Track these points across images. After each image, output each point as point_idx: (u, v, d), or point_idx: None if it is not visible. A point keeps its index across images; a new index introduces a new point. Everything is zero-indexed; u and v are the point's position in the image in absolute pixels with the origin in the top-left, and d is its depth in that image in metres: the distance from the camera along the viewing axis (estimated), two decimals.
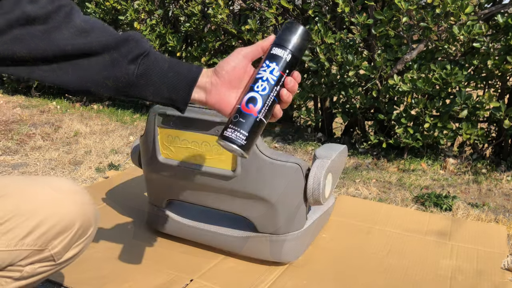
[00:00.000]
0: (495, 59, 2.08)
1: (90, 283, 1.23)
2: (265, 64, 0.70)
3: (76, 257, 0.78)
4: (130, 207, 1.73)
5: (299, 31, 0.71)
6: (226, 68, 0.70)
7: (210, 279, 1.26)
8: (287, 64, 0.70)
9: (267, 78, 0.69)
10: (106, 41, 0.65)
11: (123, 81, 0.66)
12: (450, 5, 2.03)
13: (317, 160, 1.30)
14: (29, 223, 0.69)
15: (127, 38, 0.66)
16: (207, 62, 2.88)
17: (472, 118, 2.22)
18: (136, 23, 3.08)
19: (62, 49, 0.63)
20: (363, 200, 1.86)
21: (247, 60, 0.71)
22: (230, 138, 0.68)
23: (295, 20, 0.74)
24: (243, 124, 0.68)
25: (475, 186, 2.07)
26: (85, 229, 0.76)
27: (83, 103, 3.77)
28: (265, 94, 0.69)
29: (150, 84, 0.68)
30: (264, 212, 1.27)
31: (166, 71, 0.68)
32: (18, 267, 0.71)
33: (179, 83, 0.69)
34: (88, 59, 0.64)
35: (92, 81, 0.65)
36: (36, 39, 0.62)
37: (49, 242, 0.72)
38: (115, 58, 0.65)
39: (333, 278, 1.29)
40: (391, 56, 2.27)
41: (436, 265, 1.36)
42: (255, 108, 0.69)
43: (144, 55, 0.67)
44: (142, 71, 0.67)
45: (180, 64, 0.70)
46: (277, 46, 0.70)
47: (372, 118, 2.62)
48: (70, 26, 0.64)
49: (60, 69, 0.64)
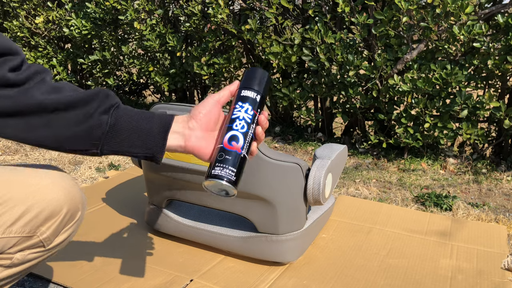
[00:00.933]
0: (495, 59, 2.08)
1: (90, 283, 1.23)
2: (238, 105, 0.75)
3: (66, 242, 0.79)
4: (130, 207, 1.73)
5: (262, 74, 0.78)
6: (203, 111, 0.73)
7: (210, 279, 1.26)
8: (257, 104, 0.76)
9: (243, 117, 0.74)
10: (77, 96, 0.67)
11: (97, 134, 0.68)
12: (450, 5, 2.03)
13: (317, 160, 1.30)
14: (16, 210, 0.69)
15: (97, 93, 0.69)
16: (207, 62, 2.88)
17: (472, 118, 2.22)
18: (136, 23, 3.08)
19: (37, 102, 0.65)
20: (363, 200, 1.86)
21: (220, 104, 0.76)
22: (220, 175, 0.70)
23: (256, 66, 0.80)
24: (229, 161, 0.71)
25: (475, 186, 2.07)
26: (73, 213, 0.77)
27: None
28: (244, 132, 0.73)
29: (124, 134, 0.69)
30: (264, 212, 1.27)
31: (138, 119, 0.70)
32: (8, 254, 0.72)
33: (153, 129, 0.71)
34: (62, 114, 0.66)
35: (66, 137, 0.67)
36: (11, 98, 0.64)
37: (37, 228, 0.72)
38: (87, 111, 0.67)
39: (333, 278, 1.29)
40: (391, 56, 2.26)
41: (436, 265, 1.36)
42: (238, 145, 0.72)
43: (115, 106, 0.69)
44: (114, 121, 0.68)
45: (152, 113, 0.73)
46: (246, 89, 0.76)
47: (372, 118, 2.62)
48: (44, 85, 0.67)
49: (34, 126, 0.66)
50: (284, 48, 2.51)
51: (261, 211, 1.27)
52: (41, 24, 3.57)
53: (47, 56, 3.72)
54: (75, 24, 3.31)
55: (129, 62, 3.27)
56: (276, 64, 2.55)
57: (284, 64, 2.54)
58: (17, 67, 0.66)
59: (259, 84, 0.77)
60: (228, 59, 2.79)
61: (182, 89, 3.50)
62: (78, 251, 1.40)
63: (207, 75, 2.92)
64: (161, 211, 1.45)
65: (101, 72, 3.49)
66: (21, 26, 3.67)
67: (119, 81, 3.56)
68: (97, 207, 1.73)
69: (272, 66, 2.75)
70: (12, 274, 0.75)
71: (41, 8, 3.60)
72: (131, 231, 1.54)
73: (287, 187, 1.25)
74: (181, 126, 0.72)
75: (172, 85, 3.20)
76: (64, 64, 3.70)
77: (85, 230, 1.53)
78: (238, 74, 2.95)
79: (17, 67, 0.66)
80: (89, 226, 1.56)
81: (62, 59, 3.62)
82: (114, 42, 3.37)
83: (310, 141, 2.74)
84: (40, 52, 3.72)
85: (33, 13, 3.68)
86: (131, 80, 3.62)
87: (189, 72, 3.18)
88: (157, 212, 1.46)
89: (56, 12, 3.51)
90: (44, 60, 3.68)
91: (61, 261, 1.34)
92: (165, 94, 3.46)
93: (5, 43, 0.65)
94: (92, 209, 1.71)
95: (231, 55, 2.78)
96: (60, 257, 1.36)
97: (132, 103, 3.78)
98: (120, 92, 4.02)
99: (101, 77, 3.57)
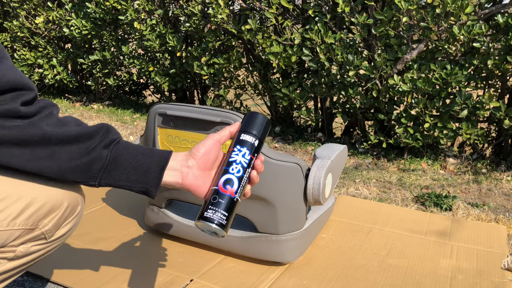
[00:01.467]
0: (495, 59, 2.08)
1: (90, 283, 1.23)
2: (236, 148, 0.77)
3: (67, 235, 0.82)
4: (130, 207, 1.73)
5: (262, 120, 0.80)
6: (202, 150, 0.76)
7: (210, 279, 1.26)
8: (255, 149, 0.78)
9: (240, 161, 0.76)
10: (81, 130, 0.71)
11: (96, 167, 0.71)
12: (450, 5, 2.03)
13: (317, 160, 1.30)
14: (20, 204, 0.72)
15: (100, 128, 0.73)
16: (207, 62, 2.88)
17: (472, 118, 2.22)
18: (136, 23, 3.08)
19: (42, 133, 0.68)
20: (363, 200, 1.86)
21: (219, 144, 0.79)
22: (212, 218, 0.72)
23: (256, 111, 0.82)
24: (222, 204, 0.73)
25: (475, 186, 2.07)
26: (73, 207, 0.80)
27: (83, 103, 3.77)
28: (239, 176, 0.75)
29: (122, 168, 0.73)
30: (264, 212, 1.27)
31: (136, 155, 0.74)
32: (11, 247, 0.74)
33: (150, 166, 0.74)
34: (66, 147, 0.70)
35: (67, 169, 0.70)
36: (19, 128, 0.68)
37: (40, 221, 0.75)
38: (89, 145, 0.71)
39: (333, 278, 1.29)
40: (391, 56, 2.27)
41: (436, 265, 1.36)
42: (232, 189, 0.74)
43: (116, 141, 0.73)
44: (114, 155, 0.72)
45: (151, 149, 0.76)
46: (245, 133, 0.78)
47: (372, 118, 2.62)
48: (51, 119, 0.70)
49: (38, 156, 0.69)
50: (284, 48, 2.51)
51: (261, 211, 1.27)
52: (41, 24, 3.57)
53: (47, 56, 3.72)
54: (75, 24, 3.31)
55: (129, 62, 3.27)
56: (276, 64, 2.55)
57: (284, 64, 2.54)
58: (29, 101, 0.69)
59: (258, 129, 0.79)
60: (228, 59, 2.79)
61: (182, 89, 3.51)
62: (78, 251, 1.40)
63: (207, 75, 2.92)
64: (161, 211, 1.45)
65: (101, 72, 3.49)
66: (21, 26, 3.67)
67: (119, 81, 3.56)
68: (97, 207, 1.73)
69: (272, 66, 2.75)
70: (16, 267, 0.77)
71: (41, 8, 3.60)
72: (131, 231, 1.54)
73: (287, 187, 1.25)
74: (180, 164, 0.76)
75: (172, 85, 3.20)
76: (64, 64, 3.70)
77: (85, 230, 1.53)
78: (238, 74, 2.96)
79: (29, 102, 0.69)
80: (89, 226, 1.56)
81: (62, 59, 3.62)
82: (114, 42, 3.37)
83: (310, 141, 2.74)
84: (40, 52, 3.72)
85: (33, 13, 3.68)
86: (131, 80, 3.62)
87: (189, 72, 3.18)
88: (157, 212, 1.46)
89: (56, 12, 3.51)
90: (44, 60, 3.68)
91: (61, 261, 1.34)
92: (165, 94, 3.46)
93: (21, 80, 0.69)
94: (92, 209, 1.71)
95: (231, 55, 2.78)
96: (60, 257, 1.36)
97: (132, 103, 3.78)
98: (120, 92, 4.02)
99: (101, 77, 3.57)
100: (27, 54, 3.67)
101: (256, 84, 2.89)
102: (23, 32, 3.68)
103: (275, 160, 1.21)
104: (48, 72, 3.64)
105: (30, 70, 3.77)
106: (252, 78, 3.02)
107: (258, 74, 2.93)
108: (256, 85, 2.90)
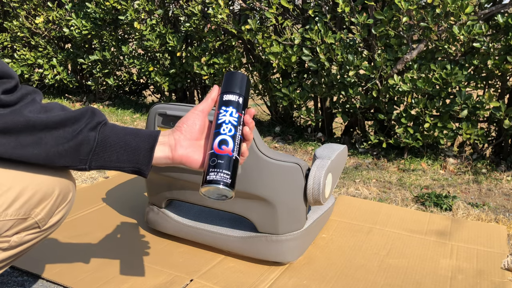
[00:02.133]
0: (495, 59, 2.08)
1: (90, 283, 1.23)
2: (222, 110, 0.76)
3: (60, 223, 0.82)
4: (130, 207, 1.73)
5: (240, 77, 0.79)
6: (187, 123, 0.76)
7: (210, 279, 1.26)
8: (241, 106, 0.77)
9: (229, 121, 0.75)
10: (66, 114, 0.70)
11: (85, 150, 0.71)
12: (450, 5, 2.03)
13: (317, 160, 1.30)
14: (10, 193, 0.72)
15: (85, 111, 0.72)
16: (207, 62, 2.88)
17: (472, 118, 2.22)
18: (136, 23, 3.08)
19: (26, 120, 0.68)
20: (363, 200, 1.86)
21: (204, 114, 0.78)
22: (216, 180, 0.71)
23: (233, 70, 0.82)
24: (222, 164, 0.72)
25: (475, 186, 2.07)
26: (65, 195, 0.80)
27: (83, 103, 3.77)
28: (232, 134, 0.74)
29: (111, 149, 0.72)
30: (264, 212, 1.27)
31: (125, 135, 0.73)
32: (5, 237, 0.74)
33: (139, 144, 0.74)
34: (51, 132, 0.69)
35: (55, 154, 0.70)
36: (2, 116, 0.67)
37: (32, 210, 0.75)
38: (75, 129, 0.70)
39: (333, 278, 1.29)
40: (391, 56, 2.27)
41: (436, 265, 1.36)
42: (228, 148, 0.73)
43: (102, 123, 0.72)
44: (102, 137, 0.72)
45: (139, 130, 0.75)
46: (227, 93, 0.78)
47: (372, 118, 2.62)
48: (34, 105, 0.70)
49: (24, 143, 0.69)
50: (284, 48, 2.51)
51: (261, 211, 1.27)
52: (41, 24, 3.57)
53: (47, 56, 3.72)
54: (75, 24, 3.31)
55: (129, 62, 3.27)
56: (276, 64, 2.55)
57: (284, 64, 2.54)
58: (11, 90, 0.69)
59: (240, 87, 0.79)
60: (228, 59, 2.79)
61: (182, 89, 3.51)
62: (78, 251, 1.40)
63: (207, 75, 2.92)
64: (161, 211, 1.45)
65: (101, 72, 3.49)
66: (21, 26, 3.67)
67: (119, 81, 3.56)
68: (97, 207, 1.73)
69: (272, 66, 2.75)
70: (10, 256, 0.77)
71: (41, 8, 3.60)
72: (131, 231, 1.54)
73: (287, 187, 1.25)
74: (167, 139, 0.75)
75: (172, 85, 3.20)
76: (64, 64, 3.70)
77: (85, 230, 1.53)
78: None
79: (11, 90, 0.69)
80: (89, 226, 1.56)
81: (62, 59, 3.62)
82: (114, 42, 3.37)
83: (310, 141, 2.74)
84: (40, 52, 3.72)
85: (33, 13, 3.68)
86: (131, 80, 3.62)
87: (189, 72, 3.18)
88: (157, 212, 1.46)
89: (56, 12, 3.51)
90: (44, 60, 3.68)
91: (61, 261, 1.34)
92: (165, 94, 3.46)
93: (1, 68, 0.68)
94: (92, 209, 1.71)
95: (231, 55, 2.78)
96: (60, 257, 1.36)
97: (132, 103, 3.78)
98: (120, 92, 4.02)
99: (101, 77, 3.57)
100: (27, 54, 3.67)
101: (256, 84, 2.89)
102: (23, 32, 3.68)
103: (275, 160, 1.21)
104: (48, 72, 3.64)
105: (30, 70, 3.77)
106: (252, 78, 3.02)
107: (258, 74, 2.93)
108: (256, 85, 2.90)
